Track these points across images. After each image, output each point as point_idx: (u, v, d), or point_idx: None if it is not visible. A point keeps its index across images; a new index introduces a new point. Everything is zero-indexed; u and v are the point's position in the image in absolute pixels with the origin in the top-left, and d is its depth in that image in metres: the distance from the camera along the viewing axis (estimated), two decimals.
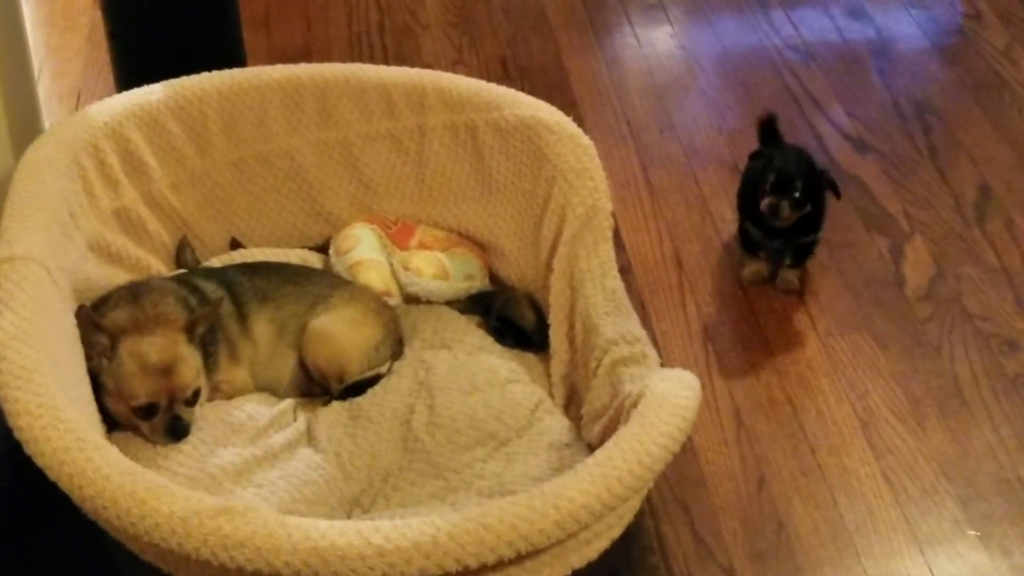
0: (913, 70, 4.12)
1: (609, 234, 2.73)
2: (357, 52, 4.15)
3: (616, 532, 2.25)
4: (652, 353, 2.50)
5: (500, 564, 2.00)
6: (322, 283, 2.75)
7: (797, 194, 3.11)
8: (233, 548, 1.96)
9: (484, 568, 2.00)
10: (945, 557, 2.66)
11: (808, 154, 3.30)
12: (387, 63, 3.24)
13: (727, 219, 3.49)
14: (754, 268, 3.30)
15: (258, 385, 2.64)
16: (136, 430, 2.42)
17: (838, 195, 3.17)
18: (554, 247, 2.78)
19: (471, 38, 4.24)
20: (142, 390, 2.38)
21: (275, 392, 2.65)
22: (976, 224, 3.51)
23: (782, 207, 3.11)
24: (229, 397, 2.57)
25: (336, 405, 2.61)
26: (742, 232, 3.32)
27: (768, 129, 3.36)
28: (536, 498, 2.02)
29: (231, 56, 3.29)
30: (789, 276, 3.28)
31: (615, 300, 2.62)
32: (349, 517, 2.41)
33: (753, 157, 3.34)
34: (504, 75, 4.04)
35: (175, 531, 1.98)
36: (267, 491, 2.35)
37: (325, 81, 2.96)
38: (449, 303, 2.90)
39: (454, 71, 3.12)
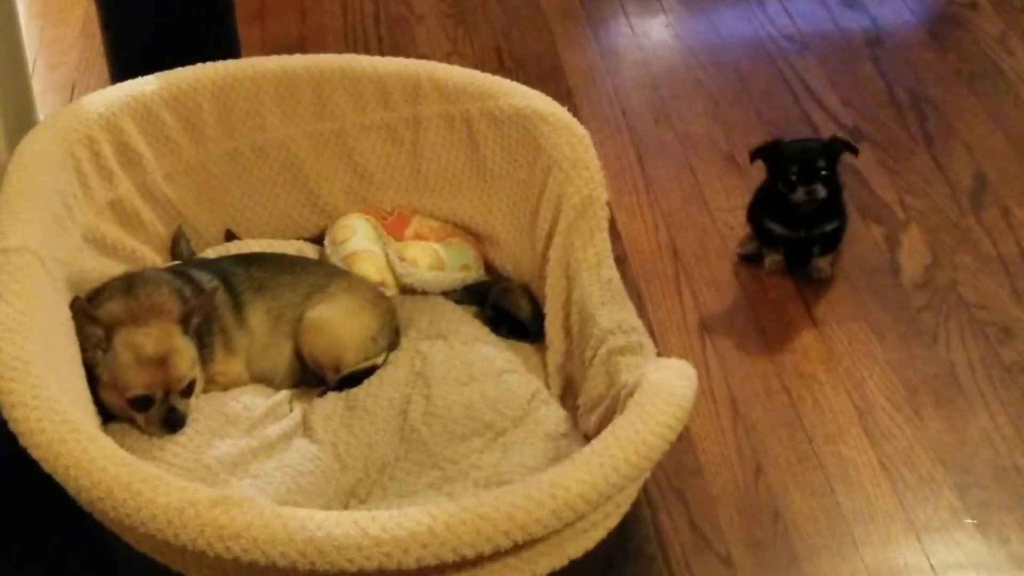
0: (908, 59, 4.11)
1: (605, 224, 2.73)
2: (352, 43, 4.15)
3: (613, 522, 2.25)
4: (648, 343, 2.50)
5: (497, 554, 2.00)
6: (318, 273, 2.75)
7: (824, 173, 3.15)
8: (229, 539, 1.95)
9: (481, 558, 2.00)
10: (942, 545, 2.66)
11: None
12: (382, 54, 3.22)
13: (723, 208, 3.49)
14: (774, 259, 3.30)
15: (254, 376, 2.63)
16: (132, 422, 2.42)
17: (855, 151, 3.24)
18: (550, 237, 2.78)
19: (466, 28, 4.23)
20: (137, 382, 2.38)
21: (271, 383, 2.65)
22: (972, 212, 3.51)
23: (817, 190, 3.14)
24: (225, 388, 2.57)
25: (332, 396, 2.60)
26: (760, 230, 3.30)
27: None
28: (533, 488, 2.02)
29: (226, 47, 3.28)
30: (820, 264, 3.28)
31: (611, 290, 2.62)
32: (346, 508, 2.40)
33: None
34: (499, 65, 4.04)
35: (171, 522, 1.97)
36: (263, 482, 2.35)
37: (320, 72, 2.96)
38: (445, 293, 2.90)
39: (449, 61, 3.12)
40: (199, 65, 2.93)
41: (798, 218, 3.21)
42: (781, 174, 3.18)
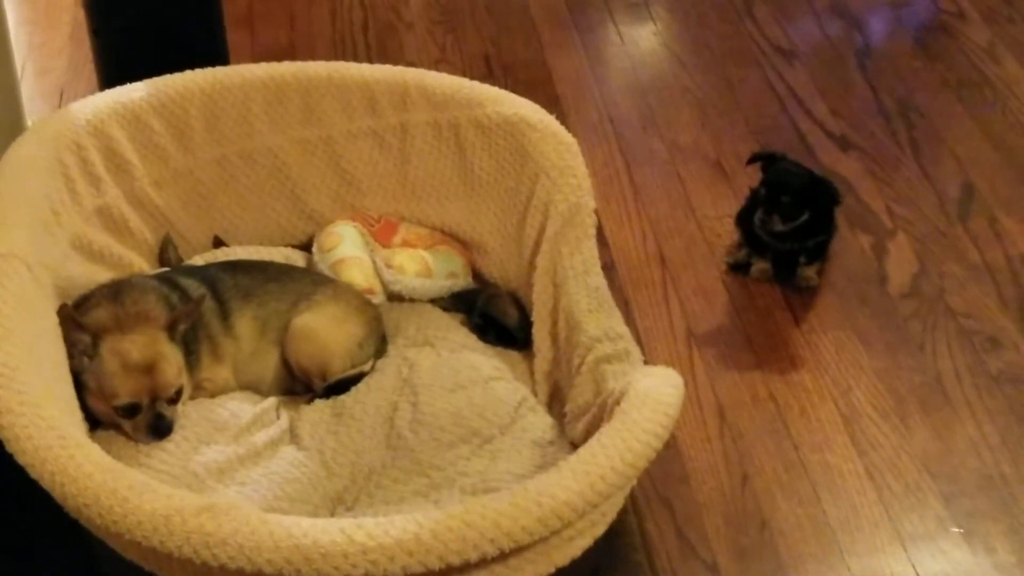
0: (896, 68, 4.12)
1: (592, 231, 2.73)
2: (340, 50, 4.15)
3: (599, 529, 2.25)
4: (635, 350, 2.50)
5: (483, 562, 2.00)
6: (305, 281, 2.75)
7: (787, 207, 3.15)
8: (215, 546, 1.95)
9: (467, 566, 2.00)
10: (928, 554, 2.66)
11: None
12: (370, 61, 3.24)
13: (710, 216, 3.50)
14: (761, 267, 3.31)
15: (241, 383, 2.63)
16: (119, 429, 2.42)
17: (836, 202, 3.22)
18: (537, 244, 2.78)
19: (454, 36, 4.23)
20: (124, 389, 2.38)
21: (258, 390, 2.64)
22: (959, 221, 3.51)
23: (773, 220, 3.16)
24: (212, 395, 2.57)
25: (319, 403, 2.60)
26: (749, 236, 3.31)
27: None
28: (519, 495, 2.02)
29: (214, 54, 3.28)
30: (808, 273, 3.29)
31: (598, 297, 2.62)
32: (332, 515, 2.40)
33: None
34: (487, 73, 4.04)
35: (157, 529, 1.97)
36: (250, 489, 2.35)
37: (308, 79, 2.96)
38: (432, 301, 2.90)
39: (437, 69, 3.11)
40: (188, 72, 2.93)
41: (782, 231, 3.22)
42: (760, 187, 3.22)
